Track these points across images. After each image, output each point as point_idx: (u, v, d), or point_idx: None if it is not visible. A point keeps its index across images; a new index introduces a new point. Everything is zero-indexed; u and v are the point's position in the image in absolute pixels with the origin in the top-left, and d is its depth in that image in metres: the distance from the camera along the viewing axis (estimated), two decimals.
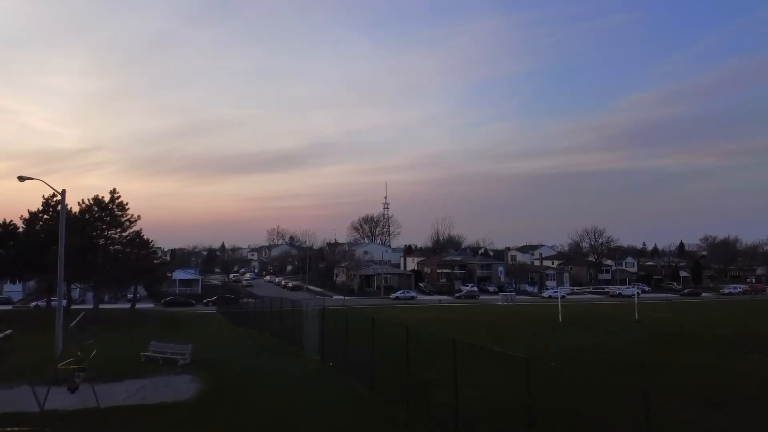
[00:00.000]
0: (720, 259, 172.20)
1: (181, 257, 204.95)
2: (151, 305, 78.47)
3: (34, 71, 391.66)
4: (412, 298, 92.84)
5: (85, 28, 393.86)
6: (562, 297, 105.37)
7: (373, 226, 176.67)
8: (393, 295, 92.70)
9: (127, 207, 49.50)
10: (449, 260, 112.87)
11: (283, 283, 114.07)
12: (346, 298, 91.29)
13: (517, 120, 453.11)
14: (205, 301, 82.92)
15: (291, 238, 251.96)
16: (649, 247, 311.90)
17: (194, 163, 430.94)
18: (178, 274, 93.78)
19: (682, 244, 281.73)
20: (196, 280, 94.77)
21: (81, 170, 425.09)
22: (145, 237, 56.08)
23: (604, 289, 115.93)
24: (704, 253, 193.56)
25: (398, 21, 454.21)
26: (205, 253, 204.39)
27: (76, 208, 49.25)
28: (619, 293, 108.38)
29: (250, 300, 56.70)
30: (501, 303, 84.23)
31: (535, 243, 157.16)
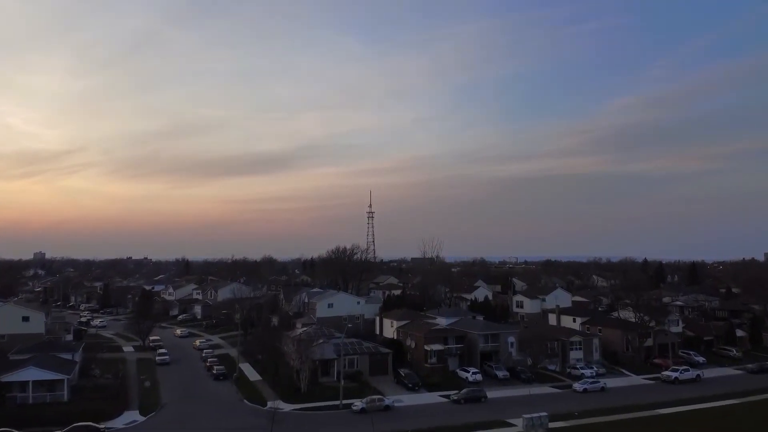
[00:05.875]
0: (759, 298, 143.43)
1: (117, 294, 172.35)
2: None
3: (17, 71, 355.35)
4: (387, 408, 61.82)
5: (69, 28, 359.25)
6: (601, 389, 75.70)
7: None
8: (357, 405, 61.49)
9: None
10: (440, 330, 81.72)
11: (208, 362, 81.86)
12: (284, 409, 59.84)
13: (503, 123, 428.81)
14: None
15: (256, 263, 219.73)
16: (649, 258, 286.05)
17: (179, 166, 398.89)
18: (31, 374, 61.40)
19: (693, 266, 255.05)
20: (60, 381, 62.10)
21: (65, 172, 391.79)
22: None
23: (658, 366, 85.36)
24: (735, 290, 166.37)
25: (386, 24, 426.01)
26: (144, 287, 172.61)
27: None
28: (676, 378, 78.61)
29: None
30: None
31: (529, 251, 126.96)
